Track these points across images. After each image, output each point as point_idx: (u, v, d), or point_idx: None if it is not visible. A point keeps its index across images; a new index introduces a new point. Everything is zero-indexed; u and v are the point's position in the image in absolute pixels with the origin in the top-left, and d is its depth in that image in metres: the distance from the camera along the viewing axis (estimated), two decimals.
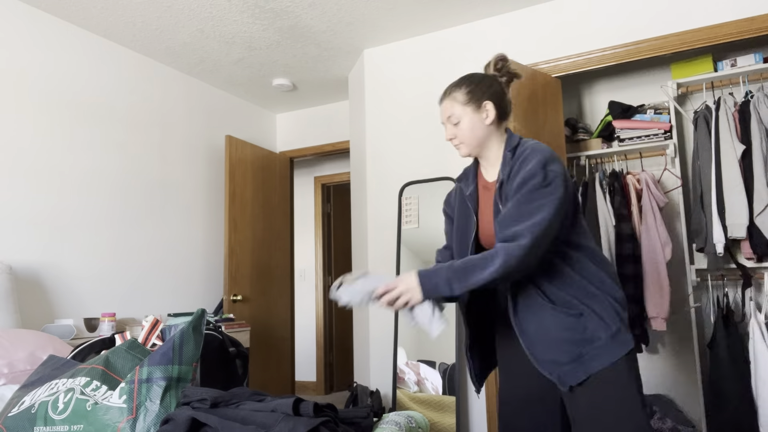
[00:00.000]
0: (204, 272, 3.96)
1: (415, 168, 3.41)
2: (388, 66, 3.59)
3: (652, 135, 3.18)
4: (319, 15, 3.17)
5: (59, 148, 3.05)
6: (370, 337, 3.43)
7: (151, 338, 1.93)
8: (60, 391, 1.36)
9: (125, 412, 1.28)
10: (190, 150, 3.92)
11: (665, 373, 3.29)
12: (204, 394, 1.30)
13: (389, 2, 3.07)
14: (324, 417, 1.21)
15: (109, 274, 3.26)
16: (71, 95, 3.14)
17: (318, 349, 5.51)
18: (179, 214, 3.78)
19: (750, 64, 2.93)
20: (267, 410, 1.22)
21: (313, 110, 4.74)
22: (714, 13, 2.74)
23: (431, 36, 3.47)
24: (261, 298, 4.19)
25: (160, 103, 3.71)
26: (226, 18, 3.18)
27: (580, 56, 3.02)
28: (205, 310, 1.52)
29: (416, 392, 3.05)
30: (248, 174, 4.19)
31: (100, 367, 1.43)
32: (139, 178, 3.51)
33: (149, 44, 3.48)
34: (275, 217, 4.47)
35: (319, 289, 5.62)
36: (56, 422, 1.30)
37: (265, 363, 4.16)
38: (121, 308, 3.31)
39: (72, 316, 3.03)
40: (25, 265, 2.84)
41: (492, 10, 3.21)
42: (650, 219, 3.04)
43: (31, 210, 2.89)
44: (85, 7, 3.01)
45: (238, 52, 3.63)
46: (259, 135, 4.65)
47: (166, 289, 3.63)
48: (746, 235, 2.71)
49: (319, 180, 5.81)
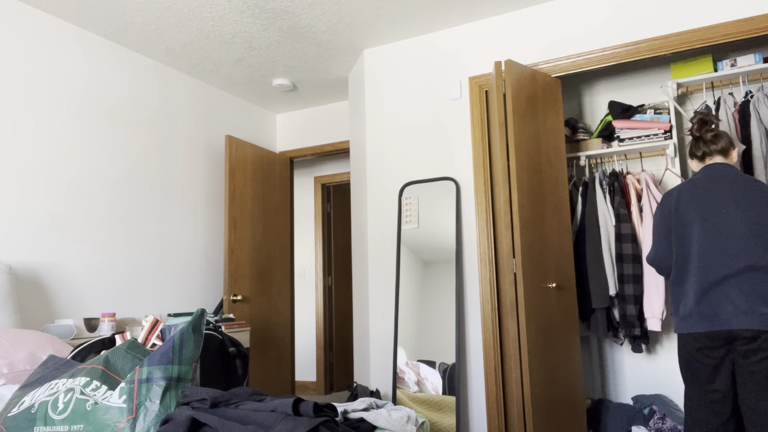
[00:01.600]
0: (204, 272, 3.96)
1: (415, 168, 3.41)
2: (388, 66, 3.59)
3: (652, 135, 3.18)
4: (319, 15, 3.17)
5: (59, 148, 3.05)
6: (370, 337, 3.43)
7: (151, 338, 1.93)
8: (60, 391, 1.36)
9: (125, 412, 1.28)
10: (190, 150, 3.92)
11: (665, 373, 3.29)
12: (204, 394, 1.30)
13: (389, 2, 3.07)
14: (324, 417, 1.21)
15: (109, 274, 3.26)
16: (71, 95, 3.14)
17: (318, 349, 5.51)
18: (179, 214, 3.78)
19: (750, 64, 2.93)
20: (267, 410, 1.23)
21: (313, 110, 4.74)
22: (714, 13, 2.74)
23: (431, 36, 3.47)
24: (261, 298, 4.19)
25: (160, 103, 3.71)
26: (226, 18, 3.18)
27: (580, 56, 3.02)
28: (205, 310, 1.52)
29: (416, 392, 3.05)
30: (248, 174, 4.19)
31: (100, 367, 1.43)
32: (139, 178, 3.51)
33: (149, 44, 3.48)
34: (275, 217, 4.47)
35: (319, 289, 5.62)
36: (56, 422, 1.30)
37: (265, 363, 4.16)
38: (121, 308, 3.31)
39: (72, 316, 3.03)
40: (25, 265, 2.84)
41: (492, 10, 3.21)
42: (650, 219, 3.04)
43: (31, 210, 2.89)
44: (85, 7, 3.01)
45: (238, 52, 3.63)
46: (259, 135, 4.65)
47: (166, 289, 3.63)
48: None
49: (319, 180, 5.81)
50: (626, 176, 3.22)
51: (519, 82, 2.84)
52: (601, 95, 3.63)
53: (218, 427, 1.16)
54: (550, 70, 3.08)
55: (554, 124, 3.01)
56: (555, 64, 3.07)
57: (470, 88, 3.27)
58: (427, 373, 3.06)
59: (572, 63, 3.04)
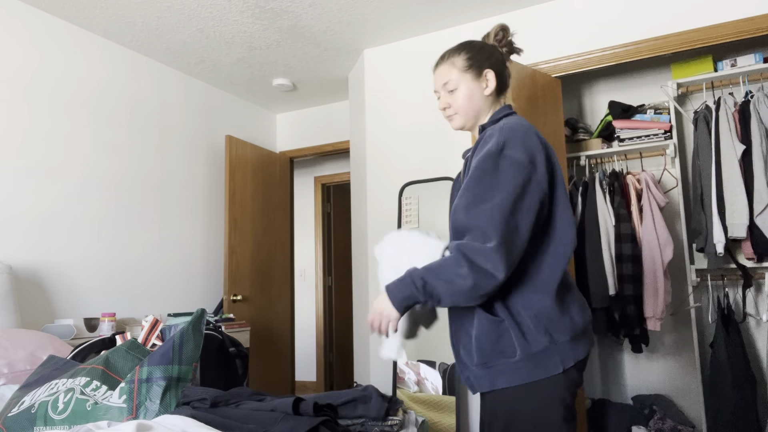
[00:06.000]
0: (204, 272, 3.96)
1: (415, 168, 3.41)
2: (388, 66, 3.59)
3: (652, 135, 3.18)
4: (319, 15, 3.17)
5: (59, 147, 3.05)
6: (370, 336, 3.43)
7: (151, 338, 1.93)
8: (60, 391, 1.36)
9: (125, 411, 1.28)
10: (190, 150, 3.92)
11: (665, 373, 3.29)
12: (204, 393, 1.30)
13: (389, 2, 3.07)
14: (324, 416, 1.21)
15: (109, 274, 3.26)
16: (71, 95, 3.14)
17: (318, 349, 5.51)
18: (179, 214, 3.78)
19: (750, 64, 2.93)
20: (267, 410, 1.23)
21: (313, 110, 4.74)
22: (714, 13, 2.74)
23: (431, 36, 3.47)
24: (261, 298, 4.19)
25: (160, 102, 3.71)
26: (226, 18, 3.18)
27: (580, 56, 3.02)
28: (205, 310, 1.52)
29: (416, 392, 3.04)
30: (248, 174, 4.19)
31: (100, 367, 1.43)
32: (139, 178, 3.51)
33: (149, 44, 3.48)
34: (275, 217, 4.47)
35: (319, 288, 5.62)
36: (56, 422, 1.30)
37: (265, 363, 4.16)
38: (121, 308, 3.31)
39: (72, 316, 3.03)
40: (25, 265, 2.84)
41: (492, 10, 3.21)
42: (650, 219, 3.04)
43: (31, 210, 2.89)
44: (85, 7, 3.01)
45: (238, 52, 3.63)
46: (259, 135, 4.65)
47: (165, 289, 3.63)
48: (746, 235, 2.70)
49: (319, 180, 5.81)
50: (626, 176, 3.22)
51: (519, 81, 2.84)
52: (601, 95, 3.63)
53: (218, 426, 1.16)
54: (550, 70, 3.08)
55: (554, 124, 3.01)
56: (555, 64, 3.07)
57: None
58: (427, 373, 3.06)
59: (572, 63, 3.04)
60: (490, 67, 1.44)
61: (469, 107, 1.44)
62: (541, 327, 1.27)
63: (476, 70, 1.43)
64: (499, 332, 1.28)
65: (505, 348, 1.27)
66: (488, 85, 1.44)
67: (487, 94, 1.44)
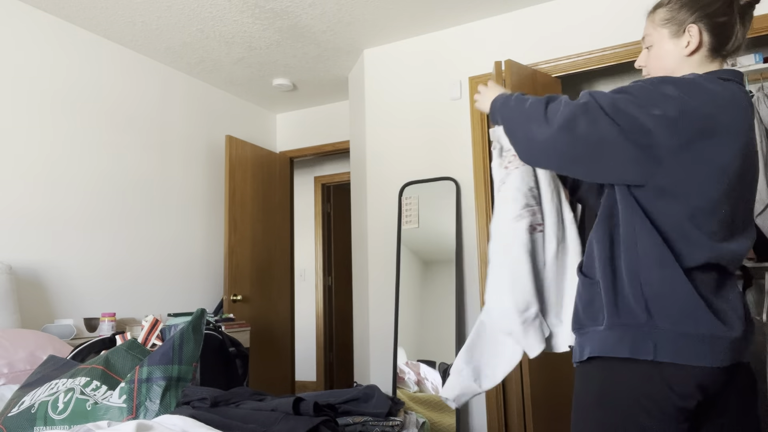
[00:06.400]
0: (204, 272, 3.96)
1: (415, 168, 3.41)
2: (388, 66, 3.59)
3: None
4: (319, 15, 3.17)
5: (59, 147, 3.05)
6: (370, 336, 3.43)
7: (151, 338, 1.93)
8: (60, 391, 1.36)
9: (125, 411, 1.28)
10: (189, 150, 3.92)
11: None
12: (204, 393, 1.30)
13: (389, 2, 3.07)
14: (324, 416, 1.21)
15: (109, 274, 3.26)
16: (71, 95, 3.14)
17: (318, 349, 5.51)
18: (179, 214, 3.78)
19: (750, 64, 2.93)
20: (267, 409, 1.23)
21: (313, 110, 4.74)
22: None
23: (431, 36, 3.47)
24: (261, 298, 4.19)
25: (160, 102, 3.71)
26: (226, 18, 3.18)
27: (580, 56, 3.02)
28: (205, 310, 1.52)
29: (416, 392, 3.04)
30: (248, 174, 4.19)
31: (100, 367, 1.43)
32: (139, 178, 3.51)
33: (149, 44, 3.48)
34: (275, 217, 4.47)
35: (319, 289, 5.62)
36: (56, 422, 1.30)
37: (265, 363, 4.16)
38: (121, 308, 3.31)
39: (72, 316, 3.03)
40: (25, 265, 2.84)
41: (492, 11, 3.21)
42: None
43: (31, 210, 2.89)
44: (85, 7, 3.01)
45: (238, 52, 3.63)
46: (259, 135, 4.65)
47: (166, 289, 3.63)
48: None
49: (319, 180, 5.81)
50: None
51: (519, 82, 2.84)
52: None
53: (219, 426, 1.16)
54: (551, 70, 3.08)
55: None
56: (555, 64, 3.07)
57: (470, 88, 3.27)
58: (427, 373, 3.06)
59: (572, 63, 3.04)
60: (698, 21, 1.16)
61: (659, 68, 1.23)
62: (642, 301, 1.07)
63: (677, 25, 1.19)
64: (591, 295, 1.15)
65: (596, 314, 1.13)
66: (690, 44, 1.17)
67: (686, 54, 1.18)
